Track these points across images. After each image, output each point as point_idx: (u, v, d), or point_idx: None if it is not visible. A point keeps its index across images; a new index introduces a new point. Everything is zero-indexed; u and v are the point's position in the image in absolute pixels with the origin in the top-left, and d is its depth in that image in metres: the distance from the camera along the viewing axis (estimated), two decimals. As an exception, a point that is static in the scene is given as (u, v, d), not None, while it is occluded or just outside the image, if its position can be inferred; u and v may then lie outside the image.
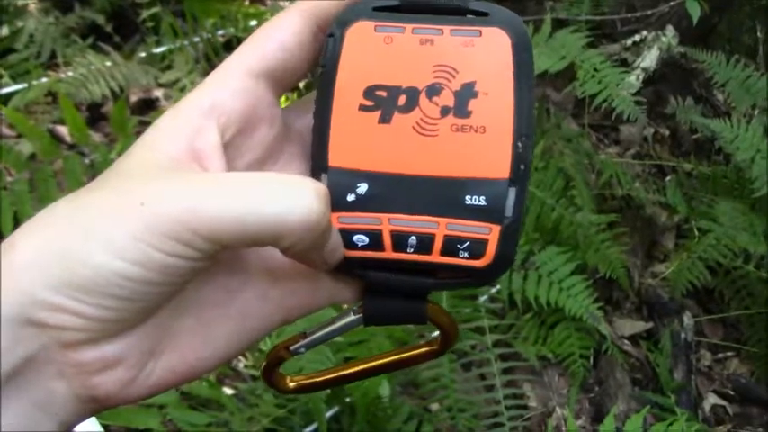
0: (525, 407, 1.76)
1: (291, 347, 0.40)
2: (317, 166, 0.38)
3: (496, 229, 0.37)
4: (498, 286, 1.77)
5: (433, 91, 0.37)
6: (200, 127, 0.36)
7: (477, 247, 0.37)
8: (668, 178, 2.28)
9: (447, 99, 0.37)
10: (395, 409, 1.51)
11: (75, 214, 0.33)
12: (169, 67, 2.08)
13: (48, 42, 2.08)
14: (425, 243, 0.37)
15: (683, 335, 1.95)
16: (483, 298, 1.74)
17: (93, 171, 1.58)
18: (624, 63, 2.39)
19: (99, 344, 0.33)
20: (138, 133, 1.83)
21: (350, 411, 1.45)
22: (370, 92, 0.38)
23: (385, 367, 0.42)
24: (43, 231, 0.32)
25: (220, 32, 2.22)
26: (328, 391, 1.29)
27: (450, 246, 0.37)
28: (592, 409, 1.85)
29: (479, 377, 1.68)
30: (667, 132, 2.49)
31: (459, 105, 0.37)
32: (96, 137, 1.90)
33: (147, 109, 2.08)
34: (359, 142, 0.38)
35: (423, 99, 0.38)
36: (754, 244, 1.87)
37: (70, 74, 1.93)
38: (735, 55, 2.32)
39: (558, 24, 2.11)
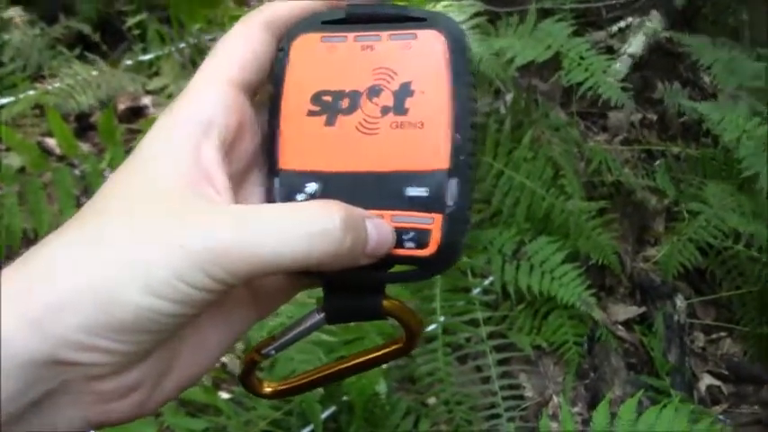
0: (522, 397, 1.78)
1: (263, 351, 0.42)
2: (270, 170, 0.41)
3: (439, 217, 0.39)
4: (491, 278, 1.78)
5: (374, 92, 0.40)
6: (202, 144, 0.37)
7: (421, 237, 0.39)
8: (657, 162, 2.29)
9: (386, 99, 0.40)
10: (392, 405, 1.52)
11: (105, 253, 0.33)
12: (156, 74, 2.09)
13: (34, 54, 2.09)
14: None
15: (675, 317, 1.96)
16: (476, 290, 1.75)
17: (84, 182, 1.59)
18: (610, 50, 2.40)
19: (122, 374, 0.34)
20: (127, 141, 1.82)
21: (347, 410, 1.46)
22: (316, 97, 0.40)
23: (354, 368, 0.44)
24: (70, 271, 0.33)
25: (207, 37, 2.22)
26: (322, 391, 1.30)
27: (396, 236, 0.39)
28: (588, 395, 1.86)
29: (475, 369, 1.69)
30: (655, 117, 2.49)
31: (397, 104, 0.40)
32: (85, 147, 1.91)
33: (136, 117, 2.09)
34: (307, 145, 0.40)
35: (364, 100, 0.40)
36: (743, 224, 1.88)
37: (57, 85, 1.94)
38: (720, 38, 2.33)
39: (544, 14, 2.12)
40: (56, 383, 0.33)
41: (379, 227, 0.38)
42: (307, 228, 0.35)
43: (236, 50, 0.40)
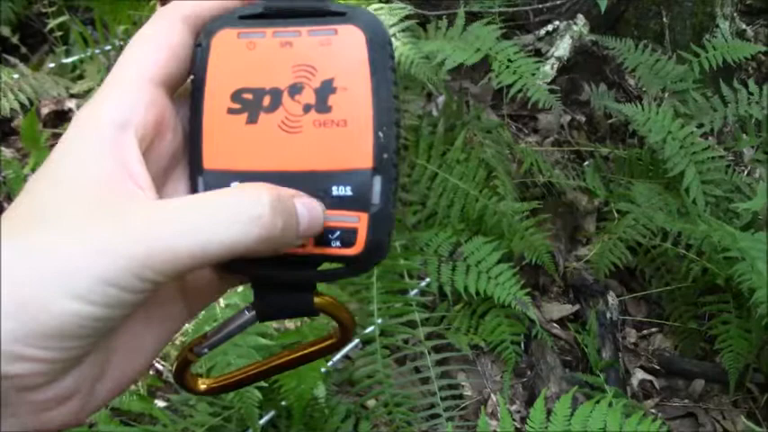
0: (461, 396, 1.78)
1: (196, 349, 0.42)
2: (194, 169, 0.40)
3: (365, 216, 0.39)
4: (428, 279, 1.78)
5: (295, 90, 0.39)
6: (121, 142, 0.36)
7: (347, 236, 0.39)
8: (586, 163, 2.34)
9: (308, 96, 0.39)
10: (331, 408, 1.51)
11: (30, 260, 0.32)
12: (81, 77, 2.03)
13: (-50, 57, 2.00)
14: None
15: (608, 314, 2.00)
16: (413, 292, 1.75)
17: (6, 188, 1.53)
18: (538, 53, 2.44)
19: (56, 381, 0.33)
20: (52, 147, 1.77)
21: (286, 415, 1.44)
22: (236, 95, 0.39)
23: (290, 364, 0.44)
24: None
25: (132, 39, 2.16)
26: (261, 396, 1.28)
27: (322, 236, 0.39)
28: (525, 393, 1.88)
29: (414, 370, 1.69)
30: (583, 119, 2.54)
31: (319, 102, 0.39)
32: (8, 153, 1.84)
33: (60, 121, 2.02)
34: (230, 144, 0.39)
35: (286, 98, 0.39)
36: (669, 222, 1.93)
37: (-25, 89, 1.86)
38: (643, 41, 2.39)
39: (472, 17, 2.14)
40: None
41: (308, 206, 0.37)
42: (235, 214, 0.34)
43: (155, 46, 0.39)
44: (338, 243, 0.39)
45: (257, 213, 0.34)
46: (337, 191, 0.39)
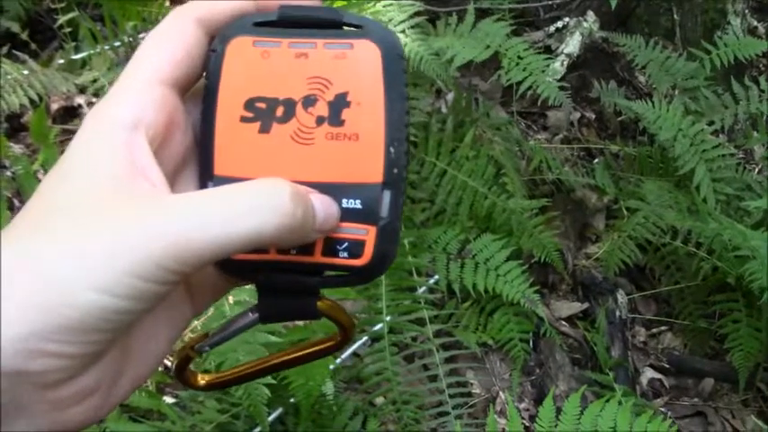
0: (469, 394, 1.78)
1: (197, 347, 0.42)
2: (204, 174, 0.40)
3: (373, 229, 0.39)
4: (436, 276, 1.78)
5: (309, 102, 0.40)
6: (134, 141, 0.36)
7: (355, 248, 0.39)
8: (596, 161, 2.33)
9: (322, 109, 0.40)
10: (339, 406, 1.51)
11: (55, 256, 0.32)
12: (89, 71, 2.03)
13: (-40, 53, 2.00)
14: (307, 245, 0.39)
15: (617, 313, 1.99)
16: (422, 289, 1.75)
17: (15, 184, 1.53)
18: (548, 50, 2.43)
19: (77, 378, 0.33)
20: (62, 142, 1.76)
21: (294, 412, 1.44)
22: (250, 104, 0.40)
23: (288, 363, 0.44)
24: (19, 280, 0.31)
25: (142, 36, 2.17)
26: (269, 393, 1.28)
27: (331, 247, 0.39)
28: (534, 391, 1.88)
29: (422, 368, 1.69)
30: (593, 116, 2.54)
31: (332, 115, 0.39)
32: (17, 148, 1.84)
33: (69, 117, 2.03)
34: (241, 152, 0.40)
35: (299, 110, 0.40)
36: (680, 220, 1.92)
37: (-15, 84, 1.86)
38: (653, 37, 2.38)
39: (482, 14, 2.13)
40: (7, 397, 0.31)
41: (323, 201, 0.38)
42: (257, 203, 0.35)
43: (168, 47, 0.39)
44: (345, 254, 0.39)
45: (278, 202, 0.35)
46: (347, 203, 0.39)
